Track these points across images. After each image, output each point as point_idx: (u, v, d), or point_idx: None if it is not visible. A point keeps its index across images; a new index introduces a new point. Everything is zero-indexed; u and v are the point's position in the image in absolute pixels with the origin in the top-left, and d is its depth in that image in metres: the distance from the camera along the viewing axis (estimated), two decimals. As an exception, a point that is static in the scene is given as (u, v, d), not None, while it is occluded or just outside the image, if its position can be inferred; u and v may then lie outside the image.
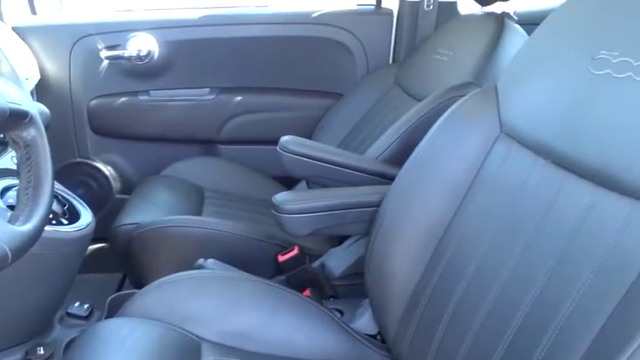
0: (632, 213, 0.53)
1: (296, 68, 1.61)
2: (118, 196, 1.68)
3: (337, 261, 1.07)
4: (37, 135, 0.64)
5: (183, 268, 0.90)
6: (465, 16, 1.33)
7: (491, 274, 0.69)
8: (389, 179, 1.00)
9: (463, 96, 1.00)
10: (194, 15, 1.54)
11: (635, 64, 0.56)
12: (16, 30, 1.49)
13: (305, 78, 1.62)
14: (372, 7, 1.61)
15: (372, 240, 0.87)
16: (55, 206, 0.91)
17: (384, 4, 1.59)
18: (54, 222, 0.87)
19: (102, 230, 1.24)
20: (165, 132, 1.63)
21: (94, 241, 1.66)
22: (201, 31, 1.55)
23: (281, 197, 0.89)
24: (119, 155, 1.66)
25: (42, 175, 0.63)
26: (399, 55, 1.56)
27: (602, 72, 0.59)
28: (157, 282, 0.86)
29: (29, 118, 0.63)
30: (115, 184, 1.68)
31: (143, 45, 1.52)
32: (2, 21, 1.50)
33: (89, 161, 1.64)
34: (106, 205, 1.68)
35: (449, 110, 0.84)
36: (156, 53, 1.54)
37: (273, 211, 0.90)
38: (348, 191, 0.93)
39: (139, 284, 1.16)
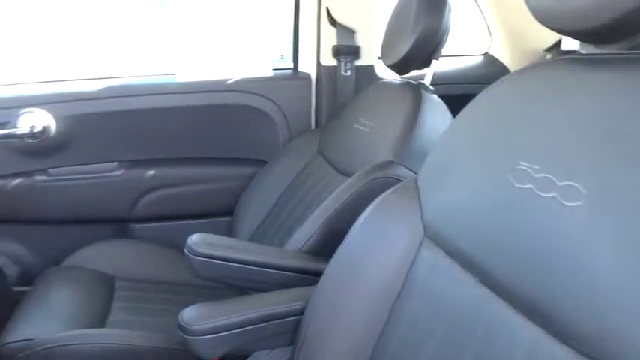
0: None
1: (214, 137, 1.51)
2: (16, 288, 1.48)
3: (263, 365, 0.96)
4: None
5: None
6: (383, 83, 1.29)
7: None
8: (312, 274, 0.92)
9: (386, 178, 0.95)
10: (94, 87, 1.41)
11: (559, 184, 0.50)
12: None
13: (224, 146, 1.52)
14: (289, 71, 1.55)
15: (296, 353, 0.77)
16: None
17: (301, 68, 1.53)
18: None
19: None
20: (71, 213, 1.47)
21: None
22: (103, 103, 1.41)
23: (189, 315, 0.77)
24: (17, 243, 1.47)
25: None
26: (320, 121, 1.50)
27: (525, 186, 0.53)
28: None
29: None
30: (12, 275, 1.48)
31: (37, 121, 1.37)
32: None
33: (-22, 252, 1.44)
34: (2, 300, 1.47)
35: (372, 205, 0.76)
36: (53, 129, 1.39)
37: (180, 332, 0.78)
38: (266, 299, 0.82)
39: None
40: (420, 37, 1.11)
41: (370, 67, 1.47)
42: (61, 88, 1.42)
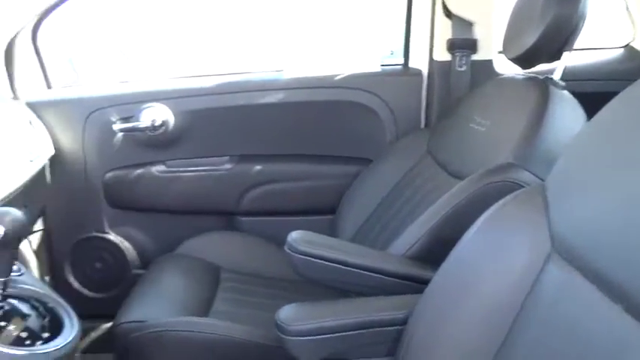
0: None
1: (320, 134, 1.50)
2: (135, 271, 1.58)
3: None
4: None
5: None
6: (503, 78, 1.18)
7: None
8: (417, 282, 0.85)
9: (504, 182, 0.86)
10: (208, 83, 1.46)
11: None
12: (30, 105, 1.45)
13: (330, 144, 1.50)
14: (399, 67, 1.49)
15: None
16: (33, 322, 0.80)
17: (411, 64, 1.46)
18: (27, 342, 0.76)
19: (117, 308, 1.13)
20: (184, 203, 1.54)
21: (106, 319, 1.58)
22: (216, 99, 1.46)
23: (285, 314, 0.75)
24: (137, 229, 1.58)
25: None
26: (431, 119, 1.42)
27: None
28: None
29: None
30: (133, 259, 1.58)
31: (157, 115, 1.45)
32: (16, 97, 1.47)
33: (105, 235, 1.56)
34: (122, 281, 1.59)
35: (489, 211, 0.69)
36: (171, 123, 1.46)
37: (277, 331, 0.76)
38: (366, 305, 0.78)
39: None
40: (550, 26, 0.99)
41: (488, 62, 1.36)
42: (179, 84, 1.49)
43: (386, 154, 1.40)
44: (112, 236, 1.56)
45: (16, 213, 0.76)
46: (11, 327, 0.77)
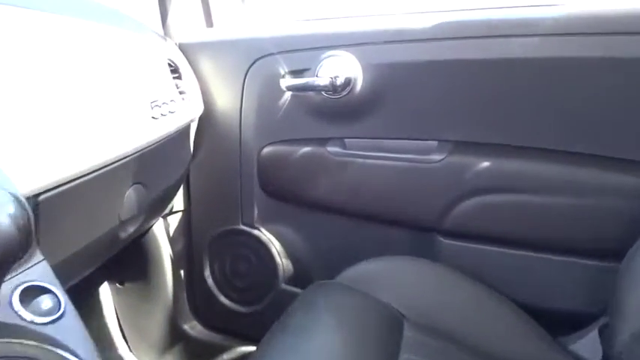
0: None
1: (603, 117, 0.86)
2: (284, 286, 1.16)
3: None
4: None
5: None
6: None
7: None
8: None
9: None
10: (416, 24, 0.92)
11: None
12: (183, 48, 1.10)
13: (622, 137, 0.85)
14: None
15: None
16: None
17: None
18: None
19: (258, 330, 0.79)
20: (362, 203, 1.05)
21: (241, 339, 1.21)
22: (429, 48, 0.92)
23: None
24: (293, 228, 1.15)
25: None
26: None
27: None
28: None
29: None
30: (284, 269, 1.16)
31: (340, 69, 0.98)
32: (168, 36, 1.12)
33: (253, 231, 1.16)
34: (267, 295, 1.17)
35: None
36: (358, 82, 0.98)
37: None
38: None
39: None
40: None
41: None
42: (374, 25, 0.99)
43: None
44: (263, 233, 1.16)
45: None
46: None
